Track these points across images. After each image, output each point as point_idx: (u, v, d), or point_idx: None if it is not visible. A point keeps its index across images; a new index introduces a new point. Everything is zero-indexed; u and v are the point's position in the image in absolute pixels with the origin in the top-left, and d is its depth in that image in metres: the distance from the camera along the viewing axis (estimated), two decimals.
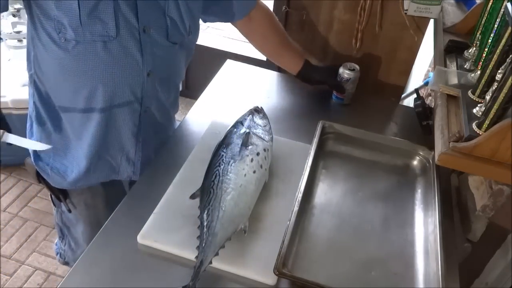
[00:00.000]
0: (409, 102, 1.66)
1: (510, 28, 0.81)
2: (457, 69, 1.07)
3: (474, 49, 1.10)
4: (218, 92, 1.44)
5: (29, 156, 1.21)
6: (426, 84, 1.68)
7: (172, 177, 1.08)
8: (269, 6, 1.36)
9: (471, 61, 1.08)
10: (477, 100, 0.92)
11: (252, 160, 1.01)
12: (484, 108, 0.85)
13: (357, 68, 1.37)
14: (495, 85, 0.85)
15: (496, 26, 0.94)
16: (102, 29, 0.95)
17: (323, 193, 1.10)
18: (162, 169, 1.13)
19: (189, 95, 2.81)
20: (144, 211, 0.99)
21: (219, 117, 1.29)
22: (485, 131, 0.82)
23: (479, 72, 0.96)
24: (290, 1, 1.50)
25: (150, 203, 1.01)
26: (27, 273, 2.00)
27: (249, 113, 1.13)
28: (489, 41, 0.96)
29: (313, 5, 1.48)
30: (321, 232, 1.00)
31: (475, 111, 0.89)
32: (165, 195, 1.03)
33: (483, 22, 1.05)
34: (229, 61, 1.58)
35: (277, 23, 1.36)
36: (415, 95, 1.23)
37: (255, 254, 0.93)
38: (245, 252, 0.93)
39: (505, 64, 0.83)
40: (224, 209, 0.92)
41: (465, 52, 1.11)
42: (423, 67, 1.96)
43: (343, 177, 1.16)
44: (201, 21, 1.20)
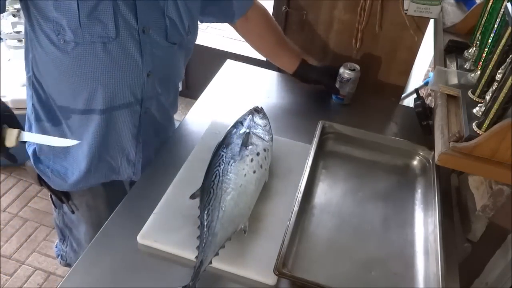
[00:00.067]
0: (409, 102, 1.66)
1: (510, 28, 0.81)
2: (457, 69, 1.07)
3: (474, 49, 1.10)
4: (218, 92, 1.44)
5: (29, 158, 1.20)
6: (426, 84, 1.67)
7: (172, 177, 1.08)
8: (269, 6, 1.36)
9: (471, 61, 1.08)
10: (477, 100, 0.92)
11: (252, 160, 1.01)
12: (484, 108, 0.85)
13: (357, 68, 1.37)
14: (495, 85, 0.85)
15: (496, 26, 0.94)
16: (101, 30, 0.94)
17: (323, 193, 1.10)
18: (162, 169, 1.13)
19: (189, 95, 2.81)
20: (144, 211, 0.99)
21: (219, 117, 1.29)
22: (485, 131, 0.82)
23: (479, 72, 0.96)
24: (290, 1, 1.50)
25: (150, 203, 1.01)
26: (27, 273, 2.00)
27: (249, 113, 1.13)
28: (489, 41, 0.96)
29: (313, 5, 1.48)
30: (321, 232, 1.00)
31: (475, 111, 0.89)
32: (165, 195, 1.03)
33: (483, 22, 1.05)
34: (229, 61, 1.58)
35: (274, 23, 1.36)
36: (415, 95, 1.23)
37: (255, 254, 0.93)
38: (245, 252, 0.93)
39: (505, 64, 0.83)
40: (224, 209, 0.92)
41: (465, 52, 1.12)
42: (423, 67, 1.96)
43: (343, 177, 1.16)
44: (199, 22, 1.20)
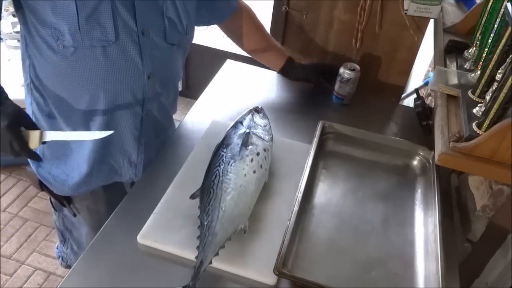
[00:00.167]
0: (409, 102, 1.66)
1: (510, 28, 0.81)
2: (457, 69, 1.07)
3: (474, 49, 1.10)
4: (218, 92, 1.44)
5: (29, 164, 1.20)
6: (426, 84, 1.67)
7: (172, 177, 1.08)
8: (269, 6, 1.35)
9: (471, 61, 1.08)
10: (477, 100, 0.92)
11: (252, 160, 1.00)
12: (484, 108, 0.85)
13: (357, 68, 1.37)
14: (495, 85, 0.85)
15: (496, 26, 0.94)
16: (101, 34, 0.93)
17: (323, 193, 1.10)
18: (162, 169, 1.13)
19: (189, 95, 2.81)
20: (144, 211, 0.99)
21: (219, 117, 1.29)
22: (485, 131, 0.82)
23: (479, 72, 0.96)
24: (290, 1, 1.50)
25: (150, 203, 1.01)
26: (27, 273, 2.00)
27: (249, 113, 1.14)
28: (489, 41, 0.96)
29: (313, 5, 1.48)
30: (321, 232, 1.00)
31: (475, 111, 0.89)
32: (165, 195, 1.03)
33: (483, 22, 1.05)
34: (229, 61, 1.58)
35: (257, 20, 1.36)
36: (415, 95, 1.23)
37: (255, 254, 0.93)
38: (245, 252, 0.93)
39: (505, 64, 0.83)
40: (224, 209, 0.92)
41: (465, 52, 1.12)
42: (423, 67, 1.96)
43: (343, 177, 1.16)
44: None
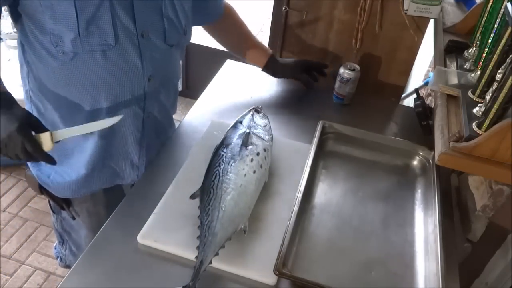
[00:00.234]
0: (409, 102, 1.66)
1: (510, 28, 0.81)
2: (457, 69, 1.07)
3: (474, 49, 1.10)
4: (218, 92, 1.44)
5: (28, 167, 1.19)
6: (426, 84, 1.68)
7: (172, 177, 1.08)
8: (269, 6, 1.35)
9: (471, 61, 1.08)
10: (477, 100, 0.92)
11: (252, 160, 1.00)
12: (484, 108, 0.85)
13: (357, 68, 1.37)
14: (495, 85, 0.85)
15: (496, 26, 0.94)
16: (100, 38, 0.93)
17: (323, 193, 1.10)
18: (162, 169, 1.13)
19: (189, 95, 2.81)
20: (144, 211, 0.99)
21: (219, 117, 1.29)
22: (485, 131, 0.82)
23: (479, 72, 0.96)
24: (290, 1, 1.50)
25: (150, 203, 1.01)
26: (27, 273, 2.00)
27: (249, 113, 1.14)
28: (489, 41, 0.96)
29: (313, 5, 1.48)
30: (321, 232, 1.00)
31: (475, 111, 0.89)
32: (165, 195, 1.03)
33: (483, 22, 1.05)
34: (229, 61, 1.58)
35: (239, 18, 1.37)
36: (415, 95, 1.23)
37: (255, 254, 0.93)
38: (245, 252, 0.93)
39: (505, 64, 0.83)
40: (224, 209, 0.92)
41: (465, 52, 1.12)
42: (423, 67, 1.96)
43: (343, 177, 1.16)
44: None
